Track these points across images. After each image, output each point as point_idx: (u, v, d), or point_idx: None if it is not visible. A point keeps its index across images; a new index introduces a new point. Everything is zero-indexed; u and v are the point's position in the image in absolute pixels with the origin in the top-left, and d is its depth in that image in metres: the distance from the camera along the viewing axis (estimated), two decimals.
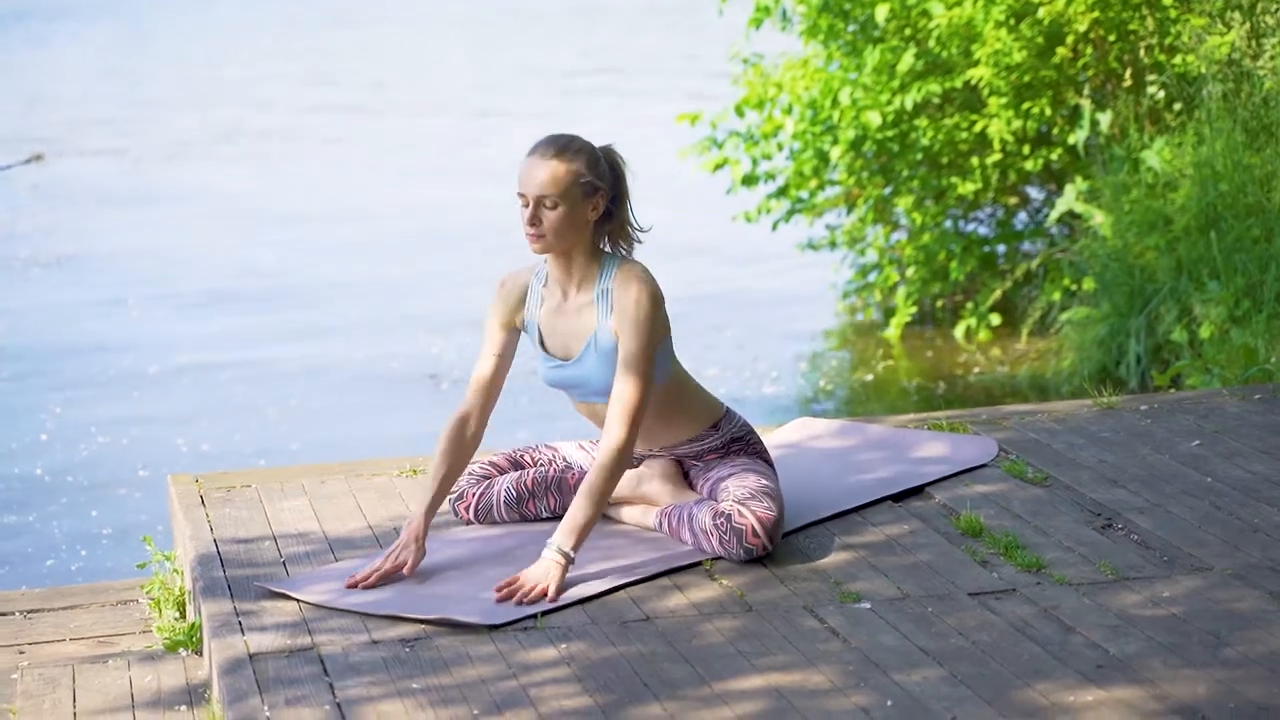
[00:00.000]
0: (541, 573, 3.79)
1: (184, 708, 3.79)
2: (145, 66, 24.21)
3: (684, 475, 4.22)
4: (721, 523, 3.95)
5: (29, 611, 4.47)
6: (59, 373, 9.37)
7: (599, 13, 29.93)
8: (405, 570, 3.89)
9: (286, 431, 8.31)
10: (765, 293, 10.97)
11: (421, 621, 3.70)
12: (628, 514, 4.22)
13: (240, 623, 3.74)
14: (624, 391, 3.90)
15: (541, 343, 4.09)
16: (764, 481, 4.04)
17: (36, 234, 13.02)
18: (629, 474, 4.21)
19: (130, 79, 22.73)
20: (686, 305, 10.56)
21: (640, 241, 4.08)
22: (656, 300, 3.96)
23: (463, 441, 4.05)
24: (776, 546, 4.02)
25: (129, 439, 8.20)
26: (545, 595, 3.74)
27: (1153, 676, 3.37)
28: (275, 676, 3.47)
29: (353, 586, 3.84)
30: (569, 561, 3.81)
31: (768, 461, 4.18)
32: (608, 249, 4.06)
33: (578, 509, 3.84)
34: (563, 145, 3.96)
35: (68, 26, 28.83)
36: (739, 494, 4.00)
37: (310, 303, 10.90)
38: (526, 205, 3.95)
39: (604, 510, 3.95)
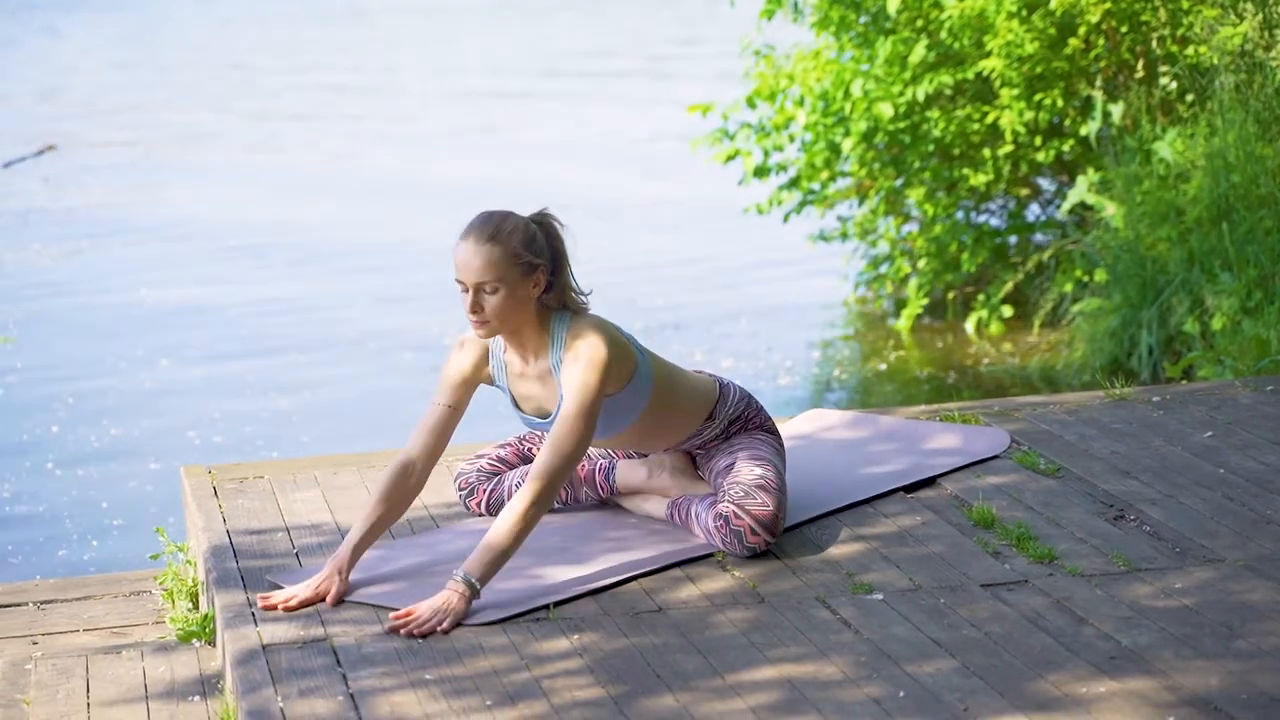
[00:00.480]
0: (441, 603, 3.64)
1: (197, 698, 3.80)
2: (158, 58, 24.23)
3: (693, 463, 4.22)
4: (721, 525, 3.95)
5: (42, 602, 4.49)
6: (71, 364, 9.38)
7: (609, 4, 29.92)
8: (328, 601, 3.75)
9: (299, 423, 8.32)
10: (776, 286, 10.96)
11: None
12: (639, 505, 4.23)
13: (253, 614, 3.75)
14: (554, 448, 3.77)
15: (515, 403, 4.03)
16: (759, 472, 4.00)
17: (48, 225, 13.04)
18: (640, 464, 4.21)
19: (143, 70, 22.75)
20: (701, 295, 10.56)
21: (586, 305, 3.96)
22: (602, 370, 3.82)
23: (404, 488, 3.90)
24: (784, 537, 4.02)
25: (140, 431, 8.21)
26: (442, 629, 3.60)
27: (1165, 668, 3.37)
28: (289, 667, 3.48)
29: (268, 609, 3.74)
30: (474, 593, 3.66)
31: (770, 431, 4.15)
32: (555, 307, 3.94)
33: (486, 544, 3.69)
34: (495, 228, 3.82)
35: (80, 17, 28.87)
36: (735, 494, 3.97)
37: (324, 293, 10.91)
38: (466, 291, 3.84)
39: (516, 548, 3.73)
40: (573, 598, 3.77)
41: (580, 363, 3.82)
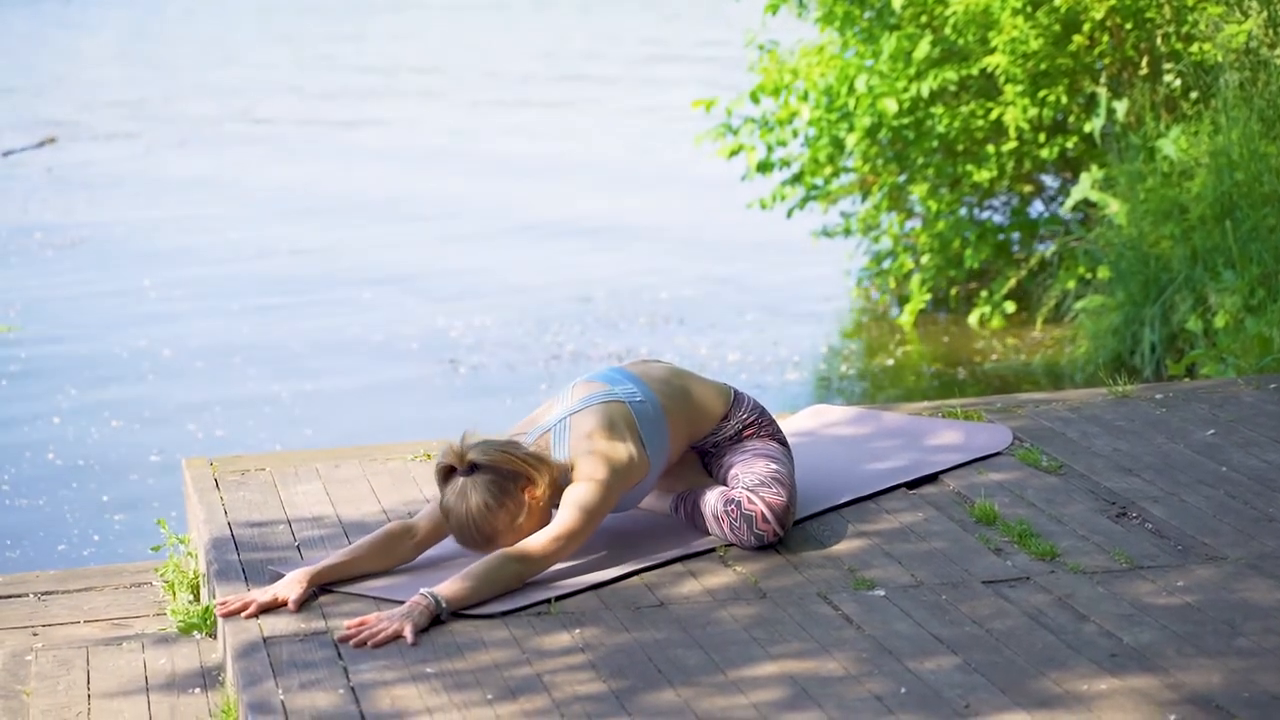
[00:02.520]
0: (404, 611, 3.59)
1: (198, 690, 3.80)
2: (158, 51, 24.22)
3: (700, 458, 4.22)
4: (732, 509, 3.95)
5: (43, 594, 4.49)
6: (72, 356, 9.38)
7: (609, 3, 29.89)
8: (289, 607, 3.69)
9: (300, 416, 8.32)
10: (779, 279, 10.96)
11: None
12: (645, 500, 4.22)
13: None
14: (552, 537, 3.77)
15: None
16: (774, 467, 4.03)
17: (50, 217, 13.04)
18: None
19: (143, 63, 22.74)
20: (705, 290, 10.56)
21: (524, 435, 3.96)
22: (600, 489, 3.83)
23: (399, 545, 3.89)
24: (789, 532, 4.02)
25: (141, 423, 8.21)
26: (399, 635, 3.54)
27: (1167, 665, 3.37)
28: (290, 660, 3.48)
29: (227, 614, 3.70)
30: (438, 610, 3.61)
31: (781, 442, 4.17)
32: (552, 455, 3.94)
33: (468, 577, 3.67)
34: (480, 534, 3.80)
35: (82, 9, 28.85)
36: (748, 481, 4.00)
37: (326, 286, 10.91)
38: None
39: (488, 596, 3.68)
40: (574, 592, 3.76)
41: (576, 494, 3.84)
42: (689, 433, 4.10)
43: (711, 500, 4.01)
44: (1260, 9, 8.03)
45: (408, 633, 3.54)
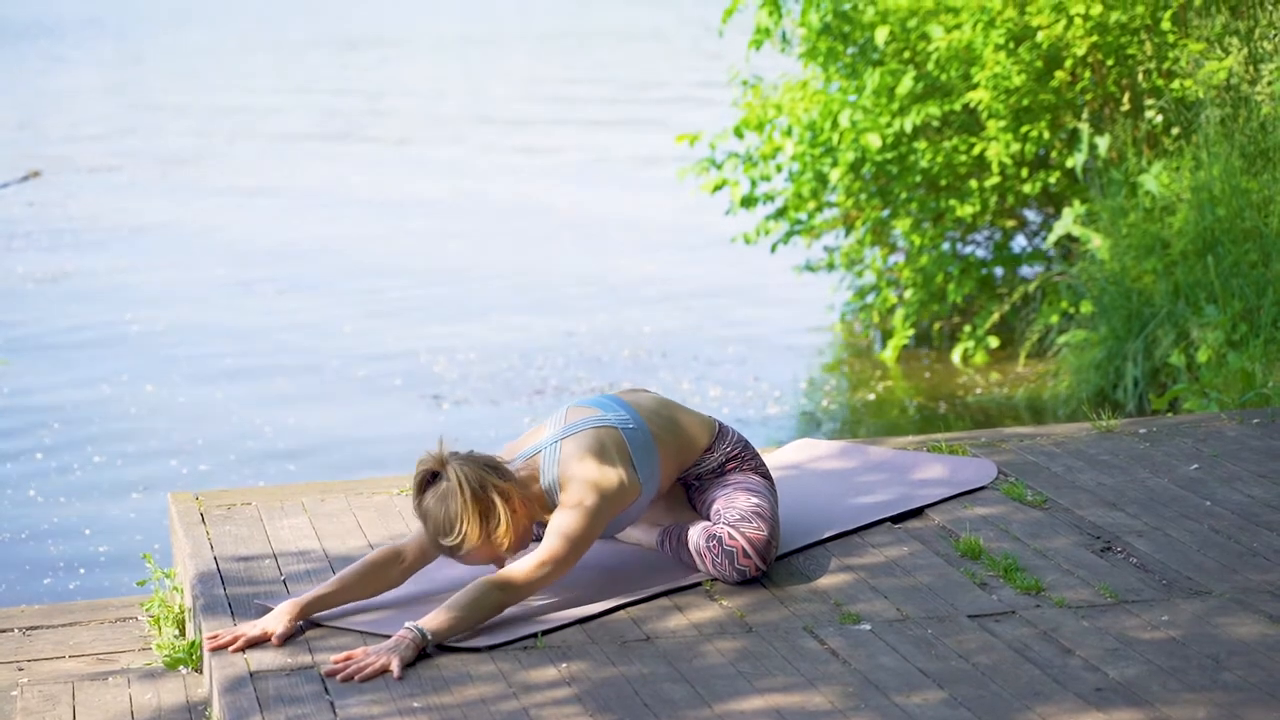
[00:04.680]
0: (390, 645, 3.60)
1: None
2: (142, 85, 24.24)
3: (685, 493, 4.23)
4: (714, 545, 3.96)
5: (28, 629, 4.47)
6: (55, 391, 9.36)
7: (595, 35, 29.98)
8: (273, 641, 3.70)
9: (283, 450, 8.31)
10: (762, 314, 10.98)
11: None
12: (630, 533, 4.23)
13: None
14: (537, 564, 3.78)
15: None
16: (755, 501, 4.04)
17: (33, 251, 13.03)
18: None
19: (127, 97, 22.75)
20: (688, 325, 10.58)
21: (513, 461, 3.96)
22: (586, 520, 3.84)
23: (387, 571, 3.89)
24: (772, 566, 4.03)
25: (124, 458, 8.19)
26: (386, 669, 3.55)
27: (1152, 700, 3.38)
28: (276, 695, 3.48)
29: (215, 649, 3.70)
30: (424, 643, 3.62)
31: (764, 476, 4.18)
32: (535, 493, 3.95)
33: (452, 607, 3.67)
34: (450, 539, 3.80)
35: (65, 45, 28.87)
36: (730, 516, 4.00)
37: (309, 321, 10.90)
38: None
39: (473, 625, 3.70)
40: (561, 626, 3.76)
41: (564, 518, 3.84)
42: (677, 463, 4.11)
43: (694, 536, 4.02)
44: (1240, 46, 8.09)
45: (395, 667, 3.54)
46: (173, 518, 4.63)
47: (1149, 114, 9.01)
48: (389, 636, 3.69)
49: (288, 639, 3.72)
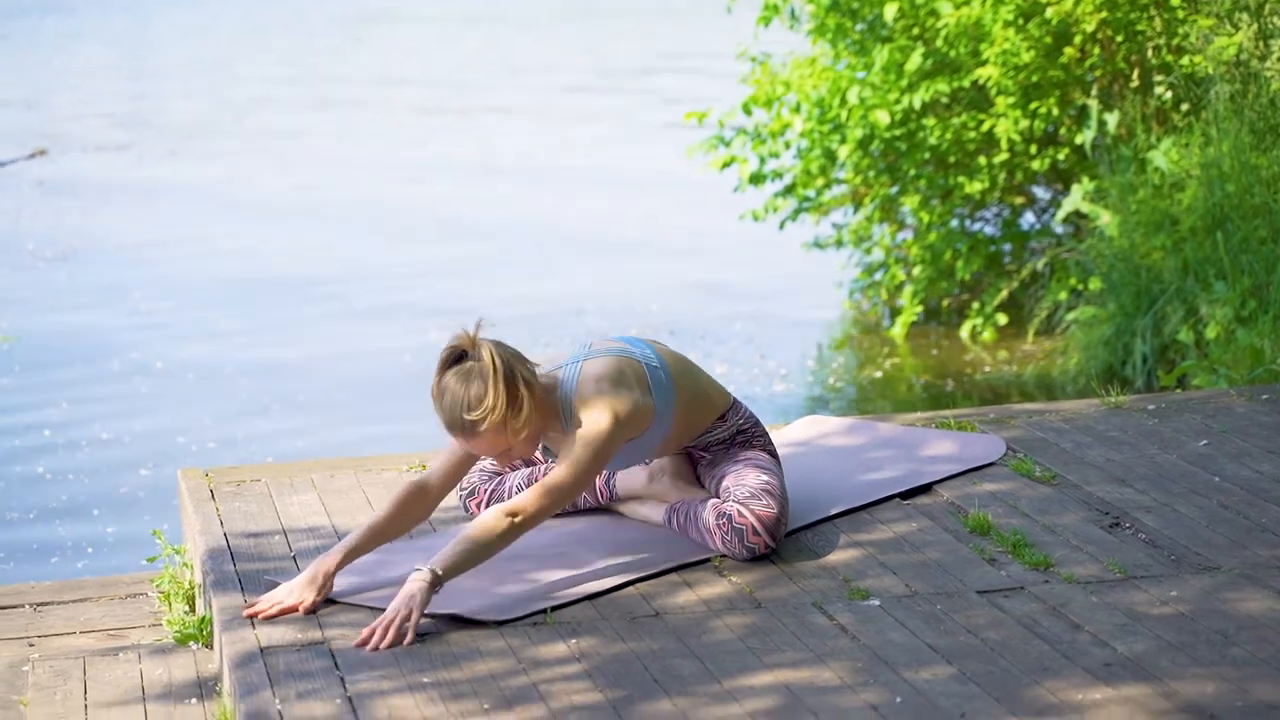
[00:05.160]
0: (404, 598, 3.62)
1: (194, 701, 3.80)
2: (149, 62, 24.23)
3: (693, 469, 4.23)
4: (723, 523, 3.96)
5: (39, 604, 4.49)
6: (64, 368, 9.38)
7: (604, 13, 29.93)
8: (301, 609, 3.74)
9: (292, 428, 8.32)
10: (770, 291, 10.98)
11: (431, 616, 3.70)
12: (637, 510, 4.23)
13: (251, 616, 3.75)
14: (545, 490, 3.78)
15: (547, 451, 4.12)
16: (765, 478, 4.04)
17: (41, 228, 13.04)
18: (640, 470, 4.22)
19: (134, 74, 22.74)
20: (696, 302, 10.57)
21: (538, 366, 3.94)
22: (600, 441, 3.83)
23: (414, 509, 3.91)
24: (781, 543, 4.03)
25: (132, 435, 8.20)
26: (409, 620, 3.59)
27: (1161, 675, 3.38)
28: (286, 670, 3.49)
29: (250, 615, 3.73)
30: (436, 581, 3.63)
31: (771, 454, 4.18)
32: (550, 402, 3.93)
33: (462, 541, 3.70)
34: (464, 420, 3.77)
35: (72, 22, 28.85)
36: (740, 493, 4.00)
37: (318, 297, 10.91)
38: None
39: (484, 558, 3.73)
40: (570, 602, 3.77)
41: (576, 440, 3.85)
42: (690, 418, 4.08)
43: (703, 513, 4.03)
44: (1250, 22, 8.06)
45: (414, 616, 3.58)
46: (182, 494, 4.64)
47: (1158, 90, 8.99)
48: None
49: (323, 598, 3.76)
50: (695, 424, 4.12)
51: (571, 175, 15.15)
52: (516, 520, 3.76)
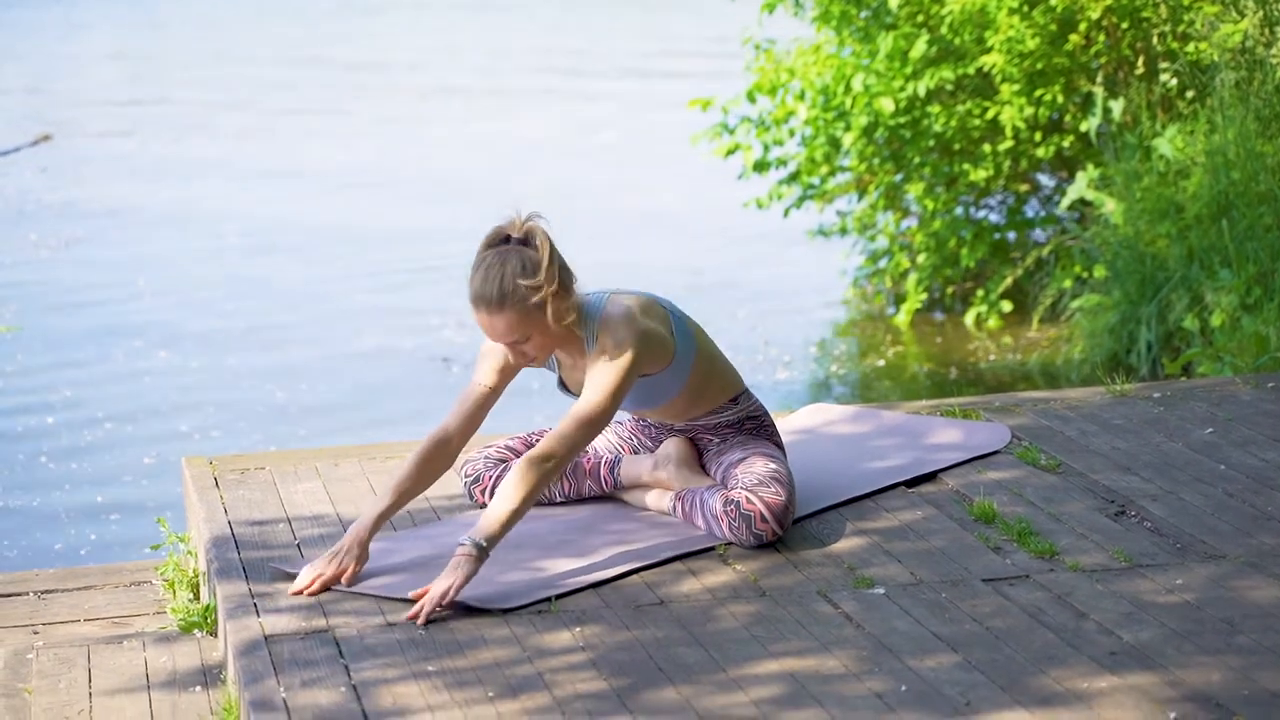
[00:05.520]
0: (449, 570, 3.66)
1: (199, 688, 3.80)
2: (152, 49, 24.21)
3: (699, 457, 4.22)
4: (731, 509, 3.96)
5: (43, 592, 4.49)
6: (67, 356, 9.37)
7: (607, 0, 29.89)
8: (345, 579, 3.78)
9: (294, 416, 8.32)
10: (775, 278, 10.97)
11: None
12: (641, 498, 4.23)
13: (255, 604, 3.75)
14: (579, 416, 3.81)
15: (565, 387, 4.12)
16: (773, 466, 4.04)
17: (45, 215, 13.03)
18: (645, 458, 4.22)
19: (138, 61, 22.73)
20: (699, 288, 10.56)
21: (575, 279, 3.94)
22: (622, 370, 3.85)
23: (437, 461, 3.95)
24: (788, 531, 4.03)
25: (135, 424, 8.20)
26: (451, 590, 3.62)
27: (1166, 663, 3.37)
28: (291, 658, 3.48)
29: (296, 594, 3.77)
30: (481, 554, 3.68)
31: (778, 444, 4.19)
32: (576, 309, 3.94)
33: (493, 504, 3.74)
34: (499, 291, 3.79)
35: (75, 9, 28.83)
36: (748, 480, 4.00)
37: (319, 285, 10.91)
38: (505, 346, 3.91)
39: (525, 508, 3.76)
40: (575, 590, 3.77)
41: (601, 364, 3.86)
42: (705, 384, 4.09)
43: (710, 500, 4.02)
44: (1256, 8, 8.04)
45: (455, 586, 3.63)
46: (186, 482, 4.64)
47: (1163, 77, 8.97)
48: (405, 600, 3.70)
49: (360, 570, 3.82)
50: (708, 392, 4.12)
51: (573, 160, 15.12)
52: (550, 465, 3.78)
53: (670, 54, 22.26)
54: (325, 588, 3.78)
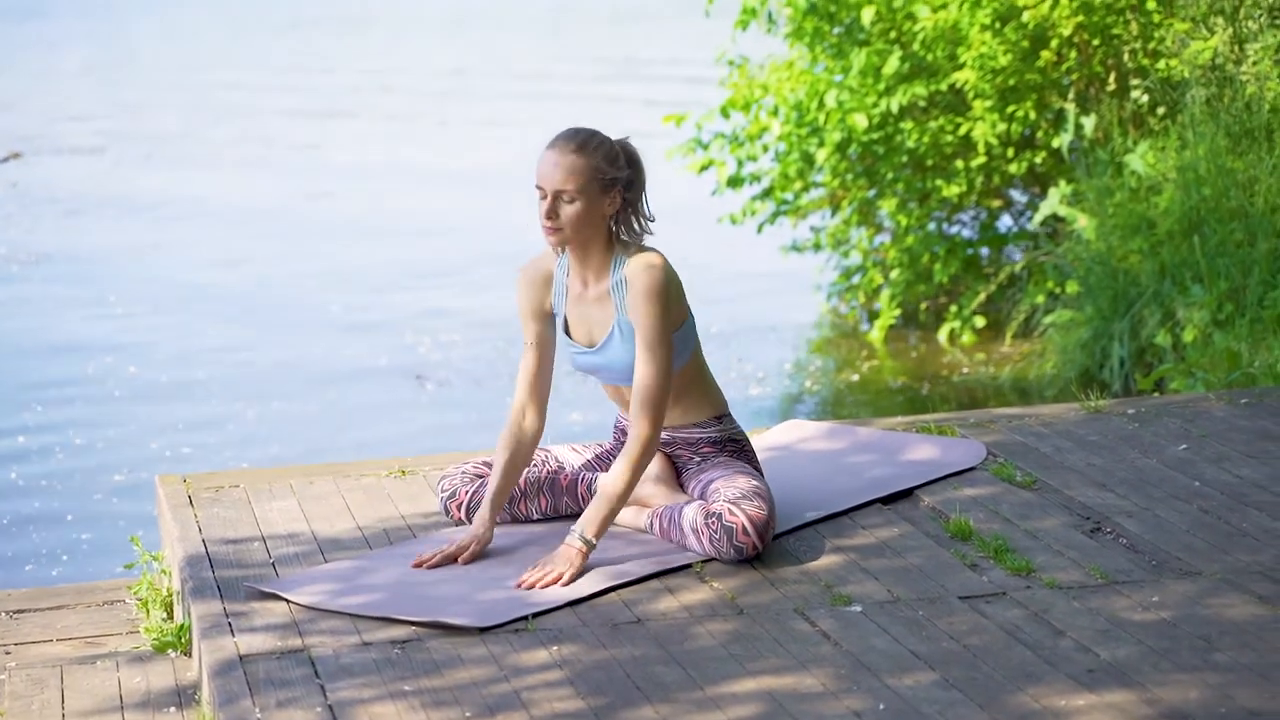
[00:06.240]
0: (561, 557, 3.87)
1: (173, 709, 3.77)
2: (123, 66, 24.15)
3: (677, 476, 4.22)
4: (712, 521, 3.95)
5: (14, 612, 4.45)
6: (36, 373, 9.32)
7: (581, 16, 29.92)
8: (461, 560, 3.97)
9: (266, 433, 8.28)
10: (748, 294, 10.97)
11: (413, 623, 3.69)
12: (620, 515, 4.21)
13: (230, 624, 3.73)
14: (642, 384, 3.96)
15: (566, 330, 4.15)
16: (755, 483, 4.05)
17: (15, 232, 12.97)
18: None
19: (108, 78, 22.67)
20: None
21: (651, 233, 4.12)
22: (666, 290, 3.98)
23: (520, 432, 4.12)
24: (767, 548, 4.02)
25: (105, 441, 8.15)
26: (562, 582, 3.83)
27: (1143, 681, 3.38)
28: (266, 678, 3.46)
29: (418, 566, 3.94)
30: (589, 548, 3.89)
31: (758, 469, 4.20)
32: (623, 238, 4.08)
33: (600, 499, 3.93)
34: (582, 140, 3.98)
35: (48, 26, 28.74)
36: (730, 494, 4.01)
37: (291, 302, 10.88)
38: (544, 198, 3.97)
39: (626, 501, 3.99)
40: (552, 609, 3.75)
41: (643, 295, 3.96)
42: (691, 386, 4.14)
43: (690, 514, 4.02)
44: (1226, 26, 8.08)
45: (566, 576, 3.82)
46: (160, 500, 4.61)
47: (1135, 94, 9.01)
48: (381, 619, 3.68)
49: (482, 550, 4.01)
50: (694, 396, 4.16)
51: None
52: (640, 456, 3.94)
53: (644, 69, 22.27)
54: (445, 562, 3.94)
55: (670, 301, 3.98)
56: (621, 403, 4.21)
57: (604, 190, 3.97)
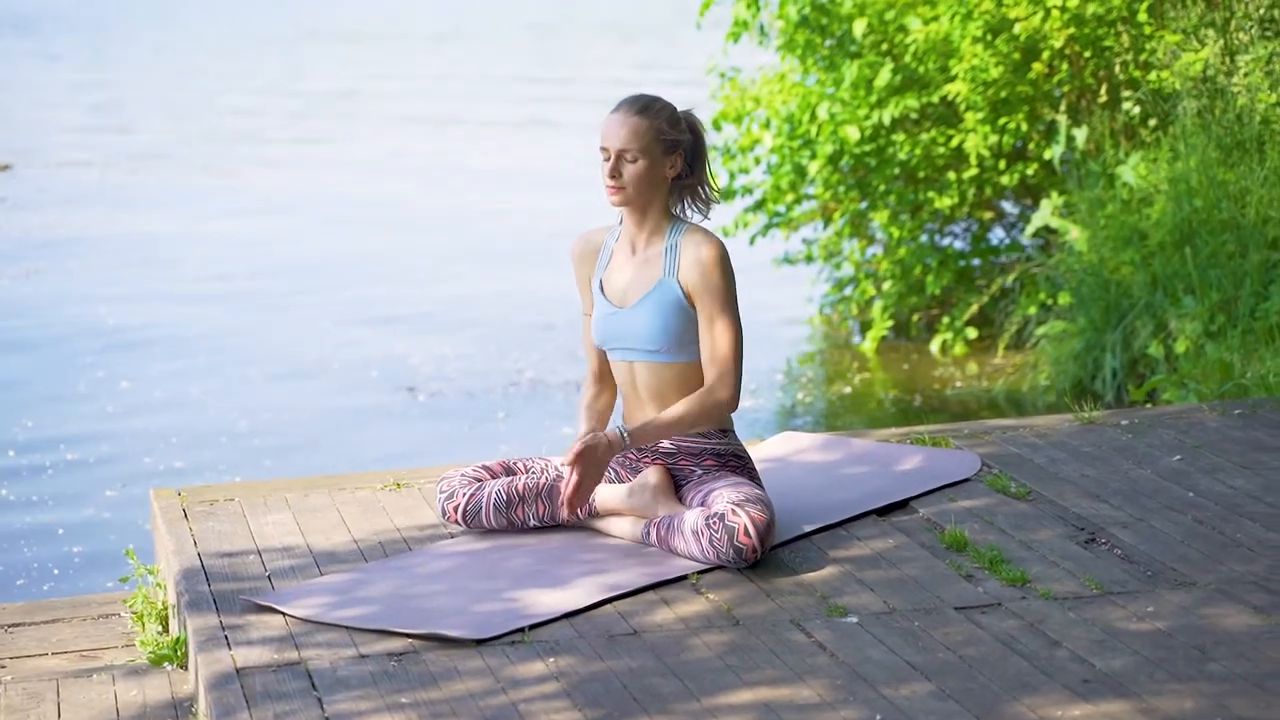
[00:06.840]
0: (579, 448, 3.98)
1: None
2: (114, 80, 24.15)
3: (677, 490, 4.22)
4: (714, 521, 3.96)
5: (9, 626, 4.45)
6: (27, 386, 9.31)
7: (572, 28, 29.96)
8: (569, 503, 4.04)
9: (259, 446, 8.27)
10: (741, 306, 10.96)
11: (409, 635, 3.69)
12: (617, 526, 4.22)
13: (226, 637, 3.73)
14: (719, 349, 4.08)
15: (601, 288, 4.22)
16: (758, 492, 4.09)
17: (5, 246, 12.96)
18: (620, 487, 4.21)
19: (99, 91, 22.66)
20: None
21: (717, 201, 4.23)
22: (727, 258, 4.11)
23: (601, 391, 4.31)
24: (764, 556, 4.02)
25: (98, 456, 8.14)
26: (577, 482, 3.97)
27: (1139, 691, 3.38)
28: (263, 691, 3.46)
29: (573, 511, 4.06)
30: (623, 445, 4.01)
31: (759, 485, 4.21)
32: (682, 213, 4.19)
33: (652, 420, 4.04)
34: (646, 104, 4.11)
35: (37, 39, 28.74)
36: (733, 497, 4.04)
37: (283, 315, 10.87)
38: (608, 159, 4.09)
39: (678, 430, 4.08)
40: (548, 620, 3.76)
41: (713, 261, 4.08)
42: (699, 389, 4.18)
43: (691, 518, 4.02)
44: (1217, 38, 8.11)
45: (575, 449, 3.98)
46: (155, 514, 4.61)
47: (1126, 105, 9.03)
48: (378, 631, 3.68)
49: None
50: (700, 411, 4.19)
51: (534, 185, 15.12)
52: (709, 408, 4.08)
53: (635, 81, 22.31)
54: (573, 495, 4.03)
55: (730, 270, 4.09)
56: (630, 387, 4.22)
57: (666, 152, 4.10)
